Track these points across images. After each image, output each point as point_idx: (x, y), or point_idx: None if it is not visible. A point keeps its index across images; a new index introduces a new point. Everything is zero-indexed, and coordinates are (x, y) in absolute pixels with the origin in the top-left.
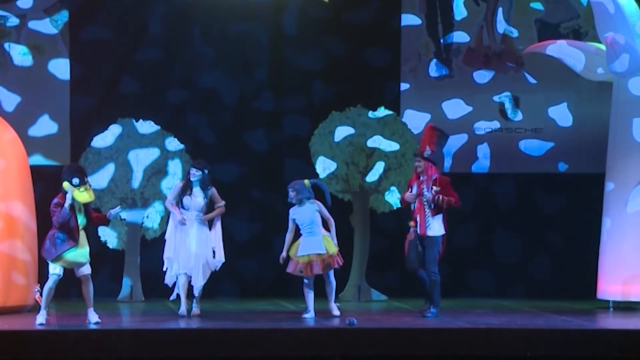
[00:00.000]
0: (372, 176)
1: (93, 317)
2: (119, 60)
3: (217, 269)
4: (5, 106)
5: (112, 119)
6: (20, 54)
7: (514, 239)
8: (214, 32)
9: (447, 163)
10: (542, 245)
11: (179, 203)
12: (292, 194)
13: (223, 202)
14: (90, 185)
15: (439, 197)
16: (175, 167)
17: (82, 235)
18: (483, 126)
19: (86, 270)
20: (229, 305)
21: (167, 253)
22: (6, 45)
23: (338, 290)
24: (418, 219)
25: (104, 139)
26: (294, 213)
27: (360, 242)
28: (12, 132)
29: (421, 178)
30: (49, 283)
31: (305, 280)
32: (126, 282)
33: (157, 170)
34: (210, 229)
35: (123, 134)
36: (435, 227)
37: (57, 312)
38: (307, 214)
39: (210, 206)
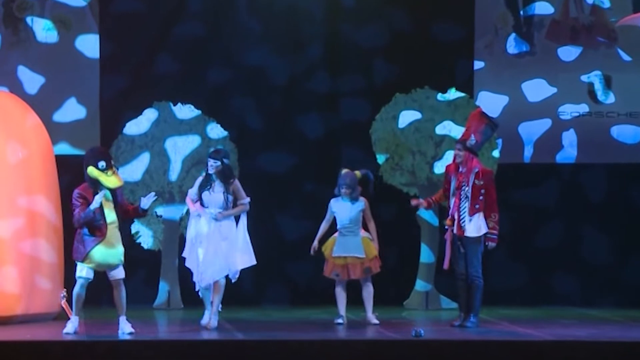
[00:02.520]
0: (442, 167)
1: (126, 326)
2: (154, 36)
3: (237, 275)
4: (27, 88)
5: (147, 102)
6: (44, 29)
7: (605, 239)
8: (262, 4)
9: (528, 152)
10: (638, 246)
11: (200, 200)
12: (346, 190)
13: (247, 199)
14: (117, 169)
15: (488, 243)
16: None
17: (114, 233)
18: (569, 110)
19: (118, 274)
20: (277, 314)
21: (188, 258)
22: (28, 19)
23: (403, 297)
24: (455, 216)
25: (138, 125)
26: (336, 206)
27: (428, 243)
28: (35, 117)
29: (460, 169)
30: (77, 288)
31: (338, 284)
32: (163, 287)
33: (197, 161)
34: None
35: (159, 120)
36: (475, 226)
37: (85, 320)
38: (350, 211)
39: (235, 203)
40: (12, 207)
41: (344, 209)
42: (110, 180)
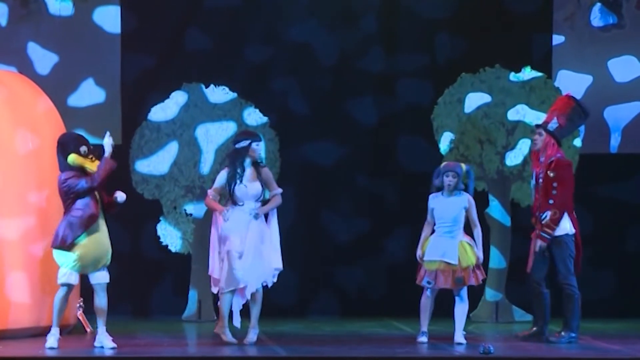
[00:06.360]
0: (515, 158)
1: (106, 339)
2: (184, 8)
3: (274, 279)
4: (38, 68)
5: (176, 84)
6: (57, 0)
7: None
8: None
9: (615, 141)
10: None
11: (232, 196)
12: (452, 180)
13: (279, 190)
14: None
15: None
16: None
17: (103, 225)
18: None
19: (104, 277)
20: (326, 327)
21: (212, 268)
22: None
23: (470, 308)
24: (537, 214)
25: (165, 110)
26: (435, 202)
27: (498, 245)
28: (48, 101)
29: (541, 158)
30: (58, 294)
31: (427, 292)
32: (193, 296)
33: None
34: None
35: (189, 104)
36: (560, 224)
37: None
38: (450, 208)
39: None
40: (22, 205)
41: (443, 204)
42: (95, 166)
